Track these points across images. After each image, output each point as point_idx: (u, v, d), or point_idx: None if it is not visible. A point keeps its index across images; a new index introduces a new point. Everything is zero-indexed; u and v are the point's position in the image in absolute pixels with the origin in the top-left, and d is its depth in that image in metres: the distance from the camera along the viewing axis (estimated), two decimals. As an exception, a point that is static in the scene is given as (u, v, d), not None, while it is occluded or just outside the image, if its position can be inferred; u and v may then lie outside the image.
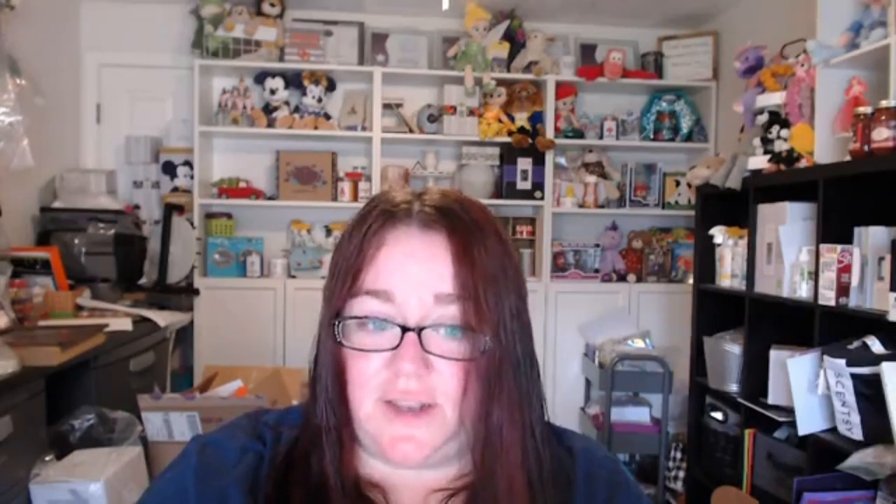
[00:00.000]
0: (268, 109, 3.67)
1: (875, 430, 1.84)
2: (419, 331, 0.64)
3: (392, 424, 0.64)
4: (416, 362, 0.63)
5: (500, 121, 3.71)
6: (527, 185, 3.75)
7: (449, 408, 0.64)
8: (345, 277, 0.66)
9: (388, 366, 0.64)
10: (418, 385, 0.63)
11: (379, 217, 0.67)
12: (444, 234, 0.66)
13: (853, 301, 2.03)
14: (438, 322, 0.64)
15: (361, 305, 0.65)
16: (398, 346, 0.63)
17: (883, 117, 1.91)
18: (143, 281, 3.53)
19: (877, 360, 1.82)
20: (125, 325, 2.63)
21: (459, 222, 0.66)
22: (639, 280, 3.85)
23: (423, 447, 0.65)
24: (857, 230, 2.03)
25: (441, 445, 0.66)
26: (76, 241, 3.14)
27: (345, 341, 0.66)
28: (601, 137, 3.83)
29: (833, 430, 2.03)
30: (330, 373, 0.67)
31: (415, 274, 0.65)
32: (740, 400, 2.57)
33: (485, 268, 0.65)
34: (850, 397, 1.90)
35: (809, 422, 2.09)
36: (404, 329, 0.64)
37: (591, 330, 3.64)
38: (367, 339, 0.65)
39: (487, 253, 0.66)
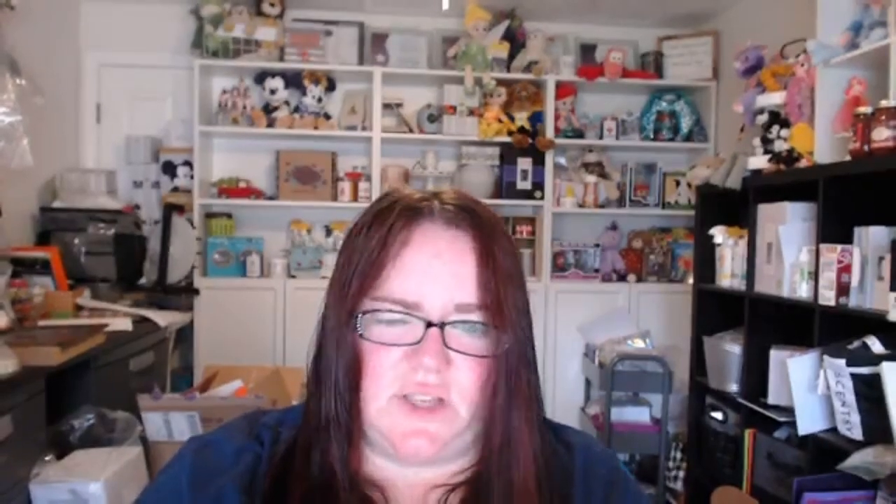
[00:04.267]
0: (268, 109, 3.67)
1: (875, 429, 1.84)
2: (442, 326, 0.64)
3: (407, 419, 0.65)
4: (438, 357, 0.63)
5: (500, 121, 3.71)
6: (527, 185, 3.75)
7: (462, 405, 0.65)
8: (365, 273, 0.66)
9: (407, 359, 0.65)
10: (437, 379, 0.64)
11: (402, 213, 0.67)
12: (469, 234, 0.67)
13: (853, 301, 2.03)
14: (461, 318, 0.65)
15: (383, 307, 0.66)
16: (420, 340, 0.64)
17: (883, 117, 1.91)
18: (142, 281, 3.53)
19: (877, 360, 1.82)
20: (125, 325, 2.63)
21: (482, 221, 0.68)
22: (639, 280, 3.85)
23: (436, 442, 0.65)
24: (857, 230, 2.03)
25: (451, 440, 0.66)
26: (76, 241, 3.14)
27: (364, 333, 0.65)
28: (601, 137, 3.83)
29: (833, 430, 2.02)
30: (343, 366, 0.66)
31: (439, 277, 0.65)
32: (740, 400, 2.57)
33: (504, 267, 0.67)
34: (850, 397, 1.89)
35: (809, 422, 2.09)
36: (428, 324, 0.64)
37: (591, 330, 3.64)
38: (387, 333, 0.65)
39: (504, 252, 0.67)
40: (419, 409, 0.64)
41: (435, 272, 0.65)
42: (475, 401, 0.65)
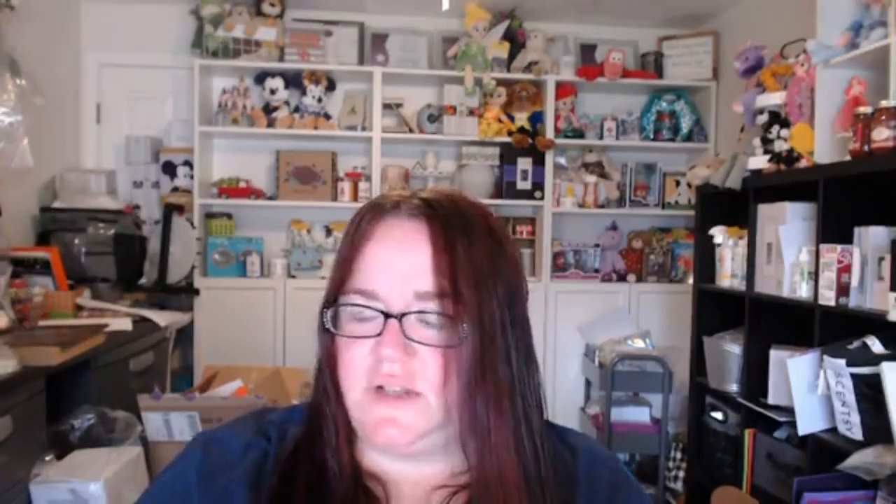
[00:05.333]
0: (268, 109, 3.67)
1: (875, 429, 1.84)
2: (400, 317, 0.65)
3: (376, 407, 0.66)
4: (397, 348, 0.65)
5: (500, 121, 3.71)
6: (527, 185, 3.75)
7: (431, 395, 0.66)
8: (338, 270, 0.70)
9: (372, 352, 0.66)
10: (401, 369, 0.65)
11: (370, 211, 0.70)
12: (426, 223, 0.67)
13: (853, 301, 2.03)
14: (419, 309, 0.66)
15: (350, 299, 0.68)
16: (381, 332, 0.65)
17: (883, 117, 1.91)
18: (143, 281, 3.53)
19: (877, 360, 1.82)
20: (125, 325, 2.64)
21: (442, 212, 0.68)
22: (639, 280, 3.85)
23: (407, 432, 0.66)
24: (856, 230, 2.03)
25: (426, 432, 0.66)
26: (76, 241, 3.14)
27: (334, 330, 0.68)
28: (601, 137, 3.83)
29: (833, 430, 2.03)
30: (324, 364, 0.70)
31: (396, 267, 0.67)
32: (740, 400, 2.57)
33: (467, 257, 0.66)
34: (850, 397, 1.90)
35: (809, 422, 2.09)
36: (387, 316, 0.65)
37: (591, 330, 3.64)
38: (355, 328, 0.67)
39: (471, 243, 0.67)
40: (388, 397, 0.66)
41: (392, 262, 0.67)
42: (442, 390, 0.65)
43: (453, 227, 0.67)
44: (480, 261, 0.67)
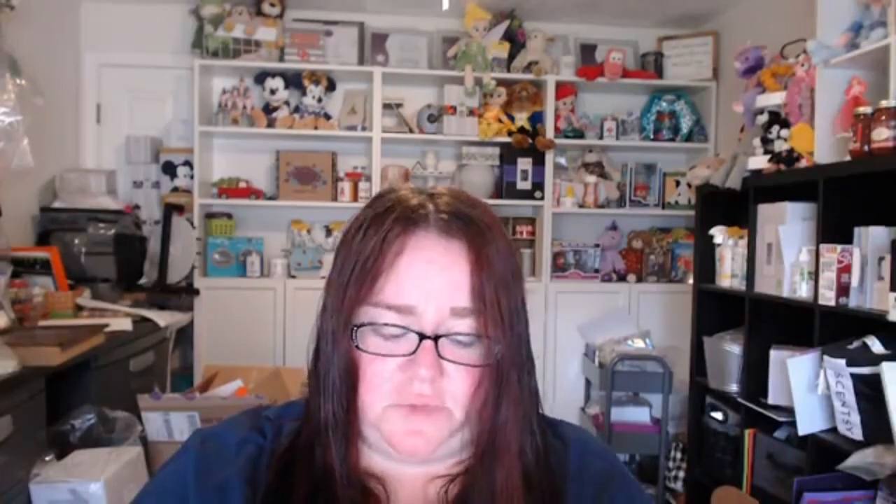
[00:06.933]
0: (268, 109, 3.67)
1: (875, 430, 1.84)
2: (436, 338, 0.65)
3: (404, 421, 0.66)
4: (432, 368, 0.65)
5: (500, 121, 3.71)
6: (527, 185, 3.75)
7: (457, 410, 0.67)
8: (361, 280, 0.66)
9: (402, 369, 0.66)
10: (431, 389, 0.65)
11: (398, 222, 0.67)
12: (463, 242, 0.67)
13: (853, 301, 2.03)
14: (454, 330, 0.66)
15: (379, 313, 0.66)
16: (415, 351, 0.65)
17: (883, 117, 1.91)
18: (143, 281, 3.53)
19: (877, 360, 1.82)
20: (125, 325, 2.63)
21: (476, 229, 0.68)
22: (639, 280, 3.86)
23: (431, 442, 0.66)
24: (856, 230, 2.03)
25: (447, 440, 0.68)
26: (76, 241, 3.14)
27: (360, 345, 0.66)
28: (601, 137, 3.83)
29: (833, 430, 2.03)
30: (340, 373, 0.68)
31: (434, 283, 0.66)
32: (740, 400, 2.57)
33: (498, 272, 0.67)
34: (850, 397, 1.90)
35: (809, 422, 2.09)
36: (422, 336, 0.65)
37: (591, 330, 3.64)
38: (382, 344, 0.66)
39: (500, 256, 0.67)
40: (416, 410, 0.66)
41: (429, 277, 0.66)
42: (468, 405, 0.67)
43: (485, 242, 0.67)
44: (506, 272, 0.68)
